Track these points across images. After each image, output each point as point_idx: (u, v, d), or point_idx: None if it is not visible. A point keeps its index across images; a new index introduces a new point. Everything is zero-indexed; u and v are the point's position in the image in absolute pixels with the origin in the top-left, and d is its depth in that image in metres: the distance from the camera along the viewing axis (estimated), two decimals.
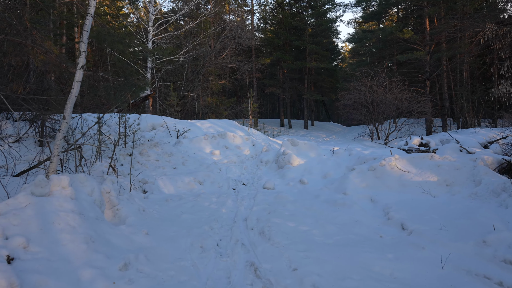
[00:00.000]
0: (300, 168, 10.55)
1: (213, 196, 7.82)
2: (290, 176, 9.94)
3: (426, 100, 17.42)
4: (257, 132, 16.94)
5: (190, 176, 9.02)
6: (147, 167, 9.50)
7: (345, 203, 6.59)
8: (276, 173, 10.70)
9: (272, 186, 8.90)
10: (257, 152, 12.75)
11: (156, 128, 14.50)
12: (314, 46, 30.90)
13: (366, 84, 17.92)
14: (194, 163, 10.44)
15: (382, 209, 6.45)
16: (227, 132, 13.37)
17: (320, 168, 10.38)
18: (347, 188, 7.90)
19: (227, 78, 25.64)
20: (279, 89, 33.05)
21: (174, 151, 10.68)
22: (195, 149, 12.37)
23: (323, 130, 33.21)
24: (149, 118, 14.71)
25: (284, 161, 10.80)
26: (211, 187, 8.92)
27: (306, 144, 11.95)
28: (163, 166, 9.69)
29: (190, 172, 9.56)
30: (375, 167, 8.46)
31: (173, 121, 14.82)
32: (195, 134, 14.02)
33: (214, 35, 23.10)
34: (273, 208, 6.55)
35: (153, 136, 13.45)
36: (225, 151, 12.54)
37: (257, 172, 10.94)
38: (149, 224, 5.08)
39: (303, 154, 11.56)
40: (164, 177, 8.73)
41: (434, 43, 21.37)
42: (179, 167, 9.93)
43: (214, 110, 23.12)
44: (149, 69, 22.65)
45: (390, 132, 16.76)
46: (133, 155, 9.86)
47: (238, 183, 9.49)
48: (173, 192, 8.28)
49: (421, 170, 8.24)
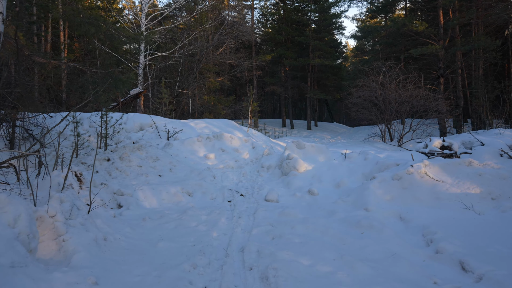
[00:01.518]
0: (307, 175, 9.13)
1: (204, 212, 6.39)
2: (297, 185, 8.51)
3: (442, 99, 15.97)
4: (258, 133, 15.51)
5: (178, 186, 7.59)
6: (127, 175, 8.08)
7: (372, 225, 5.14)
8: (279, 180, 9.27)
9: (275, 198, 7.47)
10: (257, 156, 11.32)
11: (144, 128, 13.09)
12: (318, 42, 29.45)
13: (377, 80, 16.47)
14: (184, 169, 9.01)
15: (420, 232, 5.01)
16: (223, 133, 11.95)
17: (331, 175, 8.95)
18: (369, 202, 6.47)
19: (226, 76, 24.20)
20: (280, 87, 31.60)
21: (161, 155, 9.25)
22: (186, 152, 10.95)
23: (327, 131, 31.77)
24: (137, 117, 13.30)
25: (288, 166, 9.37)
26: (203, 199, 7.49)
27: (313, 146, 10.52)
28: (147, 174, 8.26)
29: (178, 180, 8.13)
30: (401, 175, 7.02)
31: (164, 121, 13.40)
32: (188, 135, 12.61)
33: (211, 29, 21.67)
34: (279, 232, 5.12)
35: (140, 138, 12.05)
36: (221, 155, 11.11)
37: (257, 179, 9.51)
38: (105, 264, 3.65)
39: (310, 158, 10.13)
40: (146, 187, 7.31)
41: (448, 37, 19.92)
42: (165, 175, 8.50)
43: (211, 109, 21.68)
44: (141, 65, 21.24)
45: (404, 133, 15.34)
46: (112, 160, 8.46)
47: (235, 193, 8.05)
48: (156, 205, 6.86)
49: (458, 179, 6.81)
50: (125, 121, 13.04)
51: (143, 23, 21.11)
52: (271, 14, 33.56)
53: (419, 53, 18.83)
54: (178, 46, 21.64)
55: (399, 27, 20.85)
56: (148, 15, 22.14)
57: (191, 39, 22.09)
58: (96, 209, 5.26)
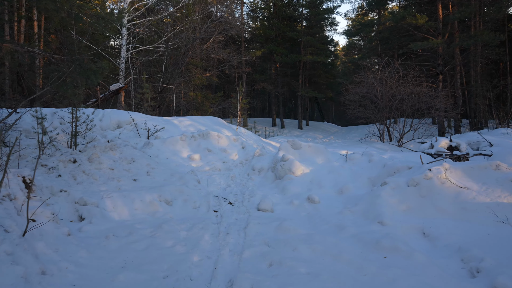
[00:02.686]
0: (305, 178, 8.07)
1: (184, 226, 5.28)
2: (293, 191, 7.45)
3: (445, 96, 15.08)
4: (248, 132, 14.42)
5: (155, 193, 6.47)
6: (95, 179, 6.92)
7: (396, 247, 4.10)
8: (273, 185, 8.20)
9: (269, 207, 6.39)
10: (247, 157, 10.24)
11: (122, 126, 11.90)
12: (310, 37, 28.45)
13: (376, 76, 15.50)
14: (164, 173, 7.87)
15: (457, 256, 3.99)
16: (210, 132, 10.83)
17: (332, 180, 7.91)
18: (383, 213, 5.43)
19: (213, 71, 23.01)
20: (271, 85, 30.52)
21: (138, 156, 8.10)
22: (168, 152, 9.82)
23: (319, 131, 30.83)
24: (114, 114, 12.10)
25: (283, 169, 8.30)
26: (184, 208, 6.37)
27: (311, 147, 9.47)
28: (119, 178, 7.11)
29: (156, 185, 7.00)
30: (418, 181, 6.00)
31: (144, 118, 12.22)
32: (171, 133, 11.48)
33: (198, 21, 20.48)
34: (277, 255, 4.05)
35: (117, 136, 10.86)
36: (207, 156, 10.00)
37: (248, 184, 8.42)
38: None
39: (307, 160, 9.08)
40: (117, 195, 6.17)
41: (448, 32, 19.07)
42: (141, 179, 7.35)
43: (198, 106, 20.49)
44: (123, 59, 19.99)
45: (404, 133, 14.40)
46: (79, 161, 7.28)
47: (223, 201, 6.94)
48: (126, 217, 5.73)
49: (486, 186, 5.81)
50: (100, 118, 11.86)
51: (125, 14, 19.83)
52: (261, 9, 32.47)
53: (419, 47, 17.94)
54: (162, 39, 20.40)
55: (397, 20, 19.95)
56: (131, 5, 20.87)
57: (176, 32, 20.89)
58: (43, 226, 4.11)
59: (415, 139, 14.53)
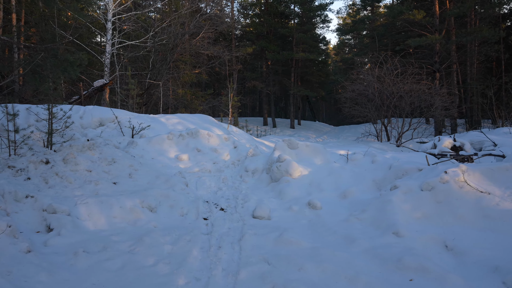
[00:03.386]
0: (304, 181, 7.42)
1: (169, 237, 4.59)
2: (292, 195, 6.79)
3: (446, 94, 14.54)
4: (239, 131, 13.74)
5: (137, 198, 5.75)
6: (70, 182, 6.17)
7: (424, 268, 3.45)
8: (268, 188, 7.53)
9: (266, 214, 5.71)
10: (240, 157, 9.54)
11: (105, 124, 11.13)
12: (303, 34, 27.81)
13: (373, 73, 14.91)
14: (148, 175, 7.15)
15: (498, 279, 3.35)
16: (199, 130, 10.12)
17: (333, 182, 7.27)
18: (396, 221, 4.80)
19: (203, 68, 22.22)
20: (262, 83, 29.81)
21: (119, 157, 7.35)
22: (154, 152, 9.09)
23: (311, 130, 30.24)
24: (96, 111, 11.32)
25: (280, 171, 7.63)
26: (169, 216, 5.67)
27: (308, 146, 8.82)
28: (97, 181, 6.36)
29: (139, 189, 6.28)
30: (433, 184, 5.37)
31: (129, 116, 11.45)
32: (157, 132, 10.74)
33: (187, 16, 19.68)
34: (280, 278, 3.39)
35: (98, 135, 10.10)
36: (196, 156, 9.29)
37: (241, 186, 7.74)
38: None
39: (305, 160, 8.43)
40: (93, 200, 5.44)
41: (445, 28, 18.59)
42: (122, 182, 6.61)
43: (187, 104, 19.71)
44: (108, 54, 19.13)
45: (403, 132, 13.83)
46: (52, 162, 6.53)
47: (213, 207, 6.25)
48: (103, 226, 5.01)
49: (510, 190, 5.20)
50: (81, 115, 11.08)
51: (110, 7, 18.97)
52: (253, 5, 31.71)
53: (417, 43, 17.43)
54: (150, 34, 19.59)
55: (395, 15, 19.42)
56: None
57: (164, 26, 20.09)
58: None
59: (414, 139, 13.97)
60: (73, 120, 10.16)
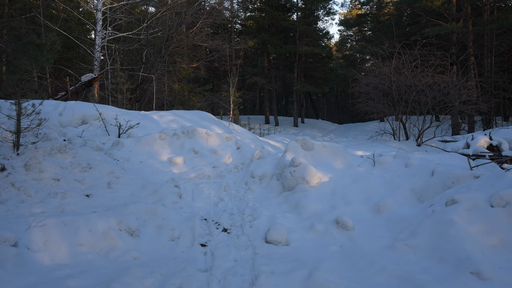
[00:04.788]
0: (324, 190, 6.10)
1: (150, 282, 3.27)
2: (311, 209, 5.46)
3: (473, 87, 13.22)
4: (242, 129, 12.40)
5: (113, 217, 4.42)
6: (29, 196, 4.85)
7: None
8: (281, 199, 6.20)
9: (283, 237, 4.40)
10: (244, 160, 8.22)
11: (88, 121, 9.81)
12: (307, 27, 26.41)
13: (390, 64, 13.55)
14: (133, 183, 5.81)
15: None
16: (196, 129, 8.80)
17: (361, 192, 5.95)
18: (469, 252, 3.48)
19: (202, 61, 20.79)
20: (264, 79, 28.40)
21: (97, 161, 6.02)
22: (143, 155, 7.78)
23: (316, 128, 28.90)
24: (78, 107, 10.00)
25: (294, 177, 6.30)
26: (155, 241, 4.35)
27: (326, 147, 7.49)
28: (65, 193, 5.01)
29: (118, 204, 4.94)
30: (508, 198, 4.04)
31: (116, 112, 10.13)
32: (148, 131, 9.43)
33: (183, 4, 18.28)
34: None
35: (79, 134, 8.77)
36: (192, 159, 7.97)
37: (246, 196, 6.41)
38: None
39: (323, 164, 7.11)
40: (53, 222, 4.12)
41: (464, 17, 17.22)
42: (98, 194, 5.27)
43: (183, 101, 18.34)
44: (98, 47, 17.78)
45: (424, 129, 12.51)
46: (9, 168, 5.21)
47: (213, 227, 4.92)
48: (63, 260, 3.71)
49: None
50: (60, 111, 9.75)
51: None
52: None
53: (437, 32, 16.10)
54: (143, 25, 18.22)
55: (411, 3, 18.09)
56: None
57: (159, 17, 18.74)
58: None
59: (436, 137, 12.63)
60: (48, 117, 8.87)
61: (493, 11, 20.64)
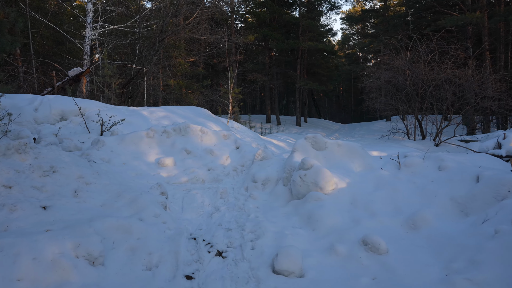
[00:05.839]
0: (341, 198, 5.04)
1: None
2: (329, 223, 4.40)
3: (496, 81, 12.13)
4: (242, 127, 11.33)
5: (69, 238, 3.37)
6: None
7: None
8: (289, 209, 5.13)
9: (296, 266, 3.33)
10: (244, 162, 7.15)
11: (68, 117, 8.75)
12: (310, 21, 25.31)
13: (404, 57, 12.45)
14: (106, 190, 4.74)
15: None
16: (190, 125, 7.73)
17: (388, 201, 4.88)
18: None
19: (200, 55, 19.64)
20: (265, 76, 27.29)
21: (65, 163, 4.95)
22: (127, 155, 6.71)
23: (319, 128, 27.81)
24: (57, 102, 8.95)
25: (305, 182, 5.22)
26: (126, 273, 3.29)
27: (341, 146, 6.41)
28: (15, 204, 3.94)
29: (82, 219, 3.87)
30: None
31: (100, 107, 9.07)
32: (136, 127, 8.38)
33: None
34: None
35: (55, 132, 7.68)
36: (184, 160, 6.91)
37: (247, 206, 5.34)
38: None
39: (338, 166, 6.04)
40: None
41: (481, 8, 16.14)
42: (59, 204, 4.19)
43: (179, 97, 17.23)
44: (88, 40, 16.73)
45: (442, 128, 11.44)
46: None
47: (205, 249, 3.85)
48: None
49: None
50: (36, 107, 8.68)
51: None
52: None
53: (454, 23, 15.00)
54: (137, 17, 17.14)
55: None
56: None
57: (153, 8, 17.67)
58: None
59: (456, 136, 11.54)
60: (21, 112, 7.82)
61: (508, 3, 19.63)
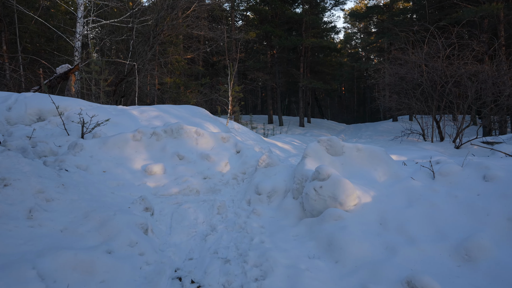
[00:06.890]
0: (367, 217, 4.10)
1: None
2: (355, 253, 3.45)
3: None
4: (243, 128, 10.37)
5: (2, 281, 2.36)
6: None
7: None
8: (302, 230, 4.18)
9: None
10: (246, 168, 6.20)
11: (46, 118, 7.81)
12: (314, 17, 24.35)
13: (420, 52, 11.47)
14: (72, 209, 3.79)
15: None
16: (183, 126, 6.78)
17: (424, 219, 3.97)
18: None
19: (197, 52, 18.68)
20: (266, 74, 26.33)
21: (21, 174, 4.00)
22: (109, 161, 5.78)
23: (324, 128, 26.84)
24: (34, 100, 8.00)
25: (321, 196, 4.26)
26: None
27: (360, 151, 5.45)
28: None
29: (29, 252, 2.91)
30: None
31: (83, 106, 8.12)
32: (123, 129, 7.43)
33: None
34: None
35: (29, 134, 6.74)
36: (176, 167, 5.96)
37: (250, 225, 4.40)
38: None
39: (358, 174, 5.09)
40: None
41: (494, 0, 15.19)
42: (6, 228, 3.22)
43: (176, 96, 16.27)
44: (79, 35, 15.81)
45: (463, 128, 10.48)
46: None
47: None
48: None
49: None
50: (10, 105, 7.73)
51: None
52: None
53: (473, 14, 14.05)
54: (131, 11, 16.20)
55: None
56: None
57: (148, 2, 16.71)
58: None
59: (478, 137, 10.57)
60: None
61: None
